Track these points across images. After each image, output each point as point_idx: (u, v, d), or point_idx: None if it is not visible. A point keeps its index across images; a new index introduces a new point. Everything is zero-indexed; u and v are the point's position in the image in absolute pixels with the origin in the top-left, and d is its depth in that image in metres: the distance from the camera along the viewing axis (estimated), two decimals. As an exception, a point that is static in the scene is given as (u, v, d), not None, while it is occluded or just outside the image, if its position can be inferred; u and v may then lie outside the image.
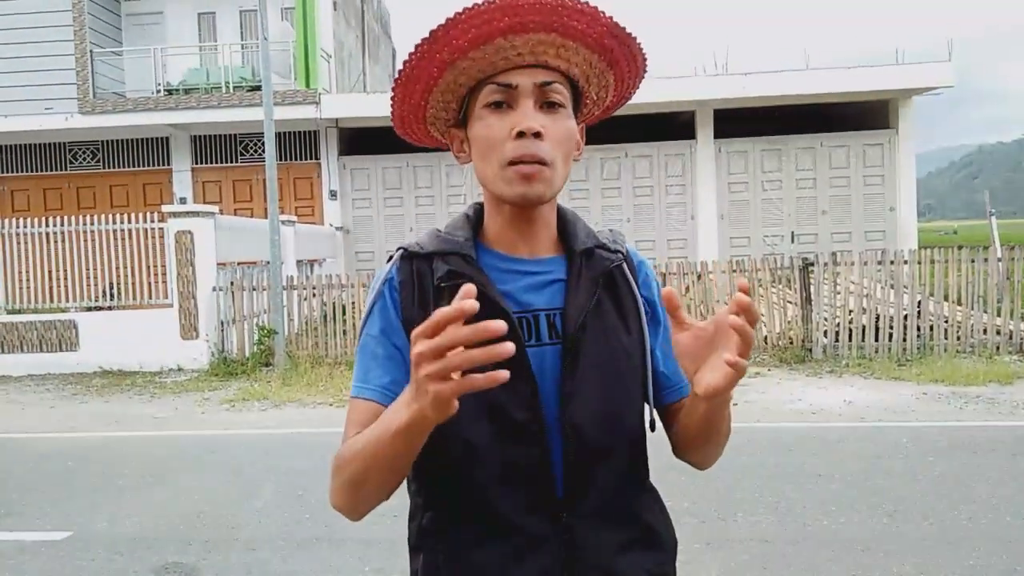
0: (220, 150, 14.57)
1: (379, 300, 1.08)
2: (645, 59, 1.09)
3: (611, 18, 1.03)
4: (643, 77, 1.13)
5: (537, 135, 1.02)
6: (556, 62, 1.04)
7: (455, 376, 0.78)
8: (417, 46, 1.02)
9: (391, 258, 1.11)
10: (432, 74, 1.05)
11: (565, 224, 1.15)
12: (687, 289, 9.10)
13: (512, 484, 1.04)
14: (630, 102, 1.17)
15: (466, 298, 0.76)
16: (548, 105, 1.05)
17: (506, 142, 1.03)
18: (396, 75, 1.06)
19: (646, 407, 1.14)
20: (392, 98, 1.09)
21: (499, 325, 0.75)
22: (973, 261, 8.67)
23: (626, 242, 1.19)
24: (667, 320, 1.17)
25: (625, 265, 1.14)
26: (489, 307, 1.03)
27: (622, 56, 1.07)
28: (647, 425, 1.14)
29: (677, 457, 1.19)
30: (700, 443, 1.10)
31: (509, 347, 0.75)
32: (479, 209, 1.16)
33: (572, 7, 1.00)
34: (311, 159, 14.40)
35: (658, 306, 1.17)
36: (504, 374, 0.76)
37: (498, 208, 1.10)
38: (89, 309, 9.75)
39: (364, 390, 1.06)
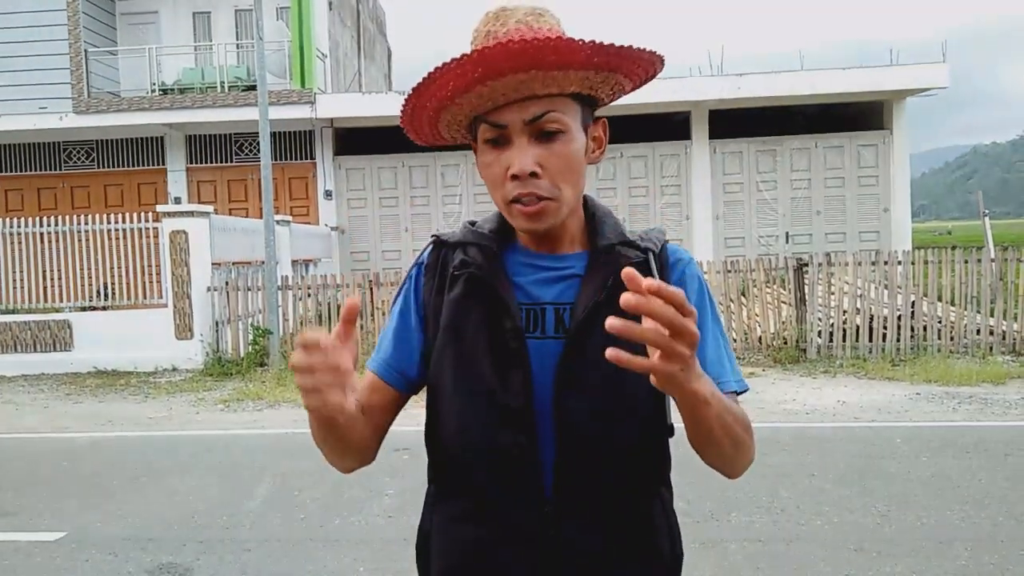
0: (215, 150, 14.55)
1: (407, 281, 1.17)
2: (652, 52, 1.03)
3: (592, 42, 0.96)
4: (659, 63, 1.06)
5: (533, 175, 1.01)
6: (545, 90, 1.00)
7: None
8: (407, 98, 1.04)
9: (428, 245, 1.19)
10: (430, 116, 1.07)
11: (594, 221, 1.14)
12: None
13: (498, 470, 1.06)
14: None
15: (349, 310, 0.91)
16: (545, 135, 1.02)
17: (505, 181, 1.03)
18: (400, 115, 1.10)
19: (666, 411, 1.07)
20: (404, 131, 1.14)
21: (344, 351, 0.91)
22: (967, 262, 8.70)
23: (664, 240, 1.14)
24: (716, 321, 1.11)
25: (653, 263, 1.09)
26: (491, 296, 1.07)
27: (621, 62, 1.02)
28: (666, 430, 1.08)
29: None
30: (700, 443, 1.00)
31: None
32: None
33: (543, 45, 0.94)
34: (306, 159, 14.39)
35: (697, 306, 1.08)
36: (345, 404, 0.92)
37: None
38: (83, 309, 9.72)
39: (371, 361, 1.16)
